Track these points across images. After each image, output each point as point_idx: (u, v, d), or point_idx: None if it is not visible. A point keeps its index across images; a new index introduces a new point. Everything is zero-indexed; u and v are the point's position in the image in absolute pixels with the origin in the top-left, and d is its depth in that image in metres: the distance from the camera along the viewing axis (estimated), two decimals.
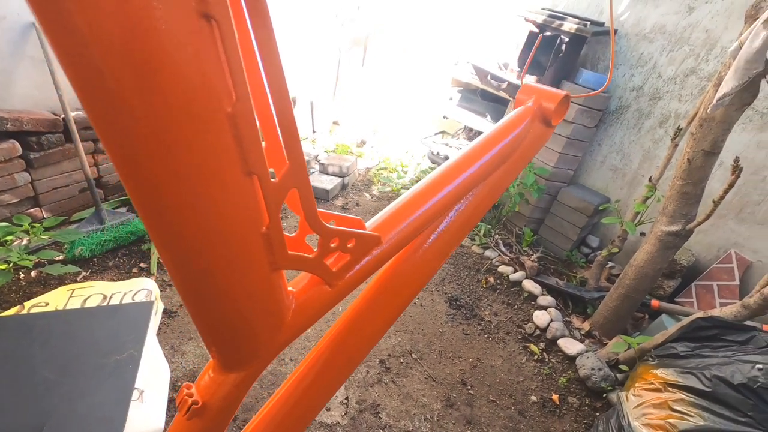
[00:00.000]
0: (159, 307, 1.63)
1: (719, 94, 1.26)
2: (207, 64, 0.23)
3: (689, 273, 2.39)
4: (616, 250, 2.35)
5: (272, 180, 0.30)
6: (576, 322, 2.31)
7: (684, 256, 2.36)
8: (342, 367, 0.52)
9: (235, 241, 0.31)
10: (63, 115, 1.98)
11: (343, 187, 3.22)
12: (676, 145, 2.08)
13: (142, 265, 2.11)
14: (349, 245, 0.40)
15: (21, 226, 1.80)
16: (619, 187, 2.75)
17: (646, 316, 2.33)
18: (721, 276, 2.30)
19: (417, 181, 2.77)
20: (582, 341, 2.15)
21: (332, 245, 0.39)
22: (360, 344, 0.53)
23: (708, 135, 1.60)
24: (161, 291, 1.85)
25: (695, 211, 1.80)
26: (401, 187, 3.39)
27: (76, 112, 2.05)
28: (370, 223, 0.45)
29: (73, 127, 1.99)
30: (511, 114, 0.57)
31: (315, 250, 0.40)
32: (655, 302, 2.20)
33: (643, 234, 2.61)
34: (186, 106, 0.23)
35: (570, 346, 2.07)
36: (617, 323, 2.15)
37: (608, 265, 2.64)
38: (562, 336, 2.14)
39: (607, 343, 2.10)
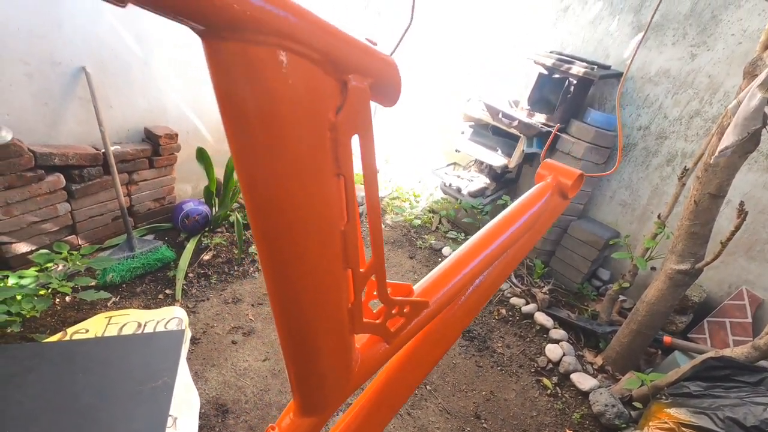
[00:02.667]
0: (187, 334, 1.71)
1: (721, 146, 1.35)
2: (333, 201, 0.33)
3: (701, 309, 2.41)
4: (627, 284, 2.39)
5: (360, 270, 0.39)
6: (588, 356, 2.33)
7: (695, 292, 2.39)
8: (386, 413, 0.60)
9: (330, 315, 0.40)
10: (103, 149, 2.12)
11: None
12: (684, 184, 2.16)
13: (167, 291, 2.21)
14: (405, 310, 0.49)
15: (60, 253, 1.92)
16: (629, 222, 2.81)
17: (659, 352, 2.35)
18: (733, 313, 2.32)
19: (429, 211, 2.85)
20: (595, 376, 2.17)
21: (393, 312, 0.48)
22: (403, 391, 0.61)
23: (713, 179, 1.68)
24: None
25: (704, 250, 1.86)
26: (414, 217, 3.48)
27: (114, 147, 2.20)
28: (417, 288, 0.54)
29: (112, 161, 2.13)
30: (533, 189, 0.67)
31: (374, 312, 0.49)
32: (667, 338, 2.22)
33: (654, 268, 2.65)
34: (316, 228, 0.33)
35: (583, 381, 2.09)
36: (630, 359, 2.17)
37: (620, 299, 2.67)
38: (575, 371, 2.16)
39: (620, 379, 2.12)
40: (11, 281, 1.76)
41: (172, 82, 2.42)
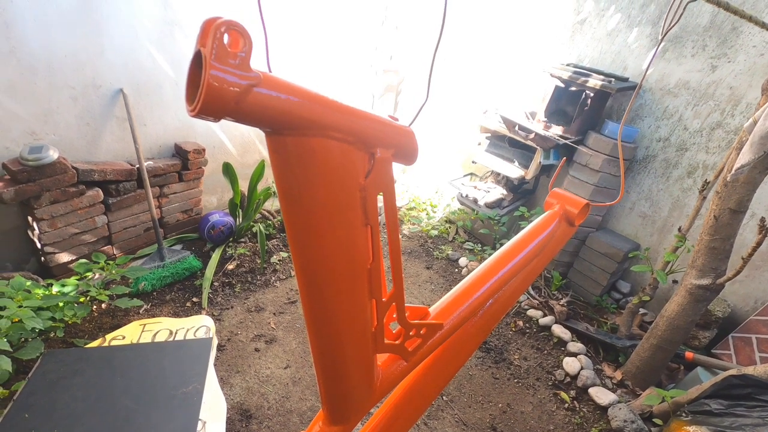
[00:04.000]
0: (214, 342, 1.80)
1: (737, 164, 1.35)
2: (362, 245, 0.39)
3: (726, 324, 2.36)
4: (647, 298, 2.37)
5: (383, 299, 0.46)
6: (607, 370, 2.31)
7: (719, 306, 2.34)
8: (404, 423, 0.65)
9: (357, 337, 0.46)
10: (137, 165, 2.26)
11: None
12: (705, 197, 2.14)
13: (194, 299, 2.31)
14: (421, 332, 0.54)
15: (98, 263, 2.05)
16: (649, 234, 2.78)
17: (682, 368, 2.31)
18: (759, 329, 2.26)
19: (446, 221, 2.90)
20: (614, 391, 2.15)
21: (411, 333, 0.53)
22: (420, 404, 0.66)
23: (733, 194, 1.67)
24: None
25: (725, 265, 1.83)
26: (431, 227, 3.53)
27: (147, 162, 2.34)
28: (433, 309, 0.59)
29: (145, 176, 2.27)
30: (541, 217, 0.72)
31: (393, 332, 0.55)
32: (689, 354, 2.19)
33: (675, 282, 2.61)
34: (348, 266, 0.40)
35: (601, 395, 2.08)
36: (650, 374, 2.14)
37: (640, 312, 2.63)
38: (593, 384, 2.15)
39: (640, 394, 2.10)
40: (55, 289, 1.89)
41: None
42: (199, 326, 1.72)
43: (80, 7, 1.87)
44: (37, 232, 1.98)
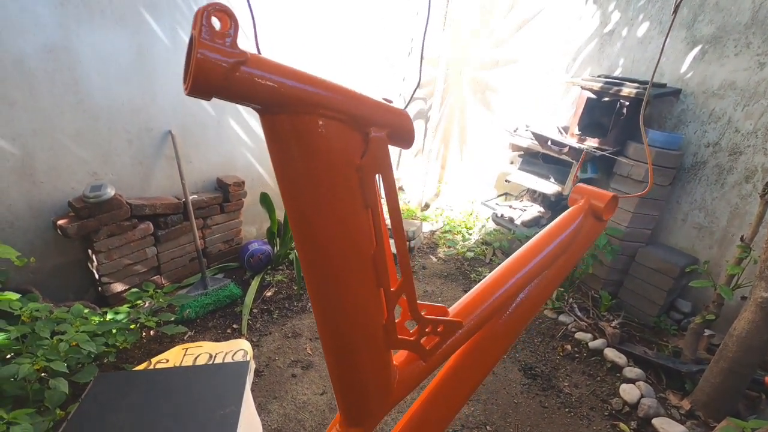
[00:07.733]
0: (251, 366, 1.82)
1: None
2: (363, 229, 0.40)
3: None
4: (711, 316, 2.14)
5: (391, 289, 0.45)
6: (673, 399, 2.07)
7: None
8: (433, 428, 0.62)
9: (367, 329, 0.45)
10: (183, 199, 2.43)
11: (410, 250, 3.37)
12: (767, 202, 1.95)
13: (234, 326, 2.38)
14: (438, 329, 0.53)
15: (147, 291, 2.18)
16: (708, 246, 2.55)
17: (763, 396, 2.02)
18: None
19: (482, 243, 2.81)
20: (683, 422, 1.92)
21: (427, 330, 0.52)
22: (448, 408, 0.63)
23: None
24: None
25: None
26: (467, 250, 3.45)
27: (192, 196, 2.50)
28: (452, 309, 0.57)
29: (190, 209, 2.43)
30: (566, 212, 0.69)
31: (411, 331, 0.53)
32: None
33: (744, 298, 2.35)
34: (349, 252, 0.40)
35: (668, 427, 1.86)
36: (725, 402, 1.90)
37: (706, 333, 2.37)
38: (657, 415, 1.93)
39: (714, 426, 1.85)
40: (109, 317, 2.02)
41: (240, 138, 2.74)
42: (236, 350, 1.75)
43: (137, 61, 2.10)
44: (95, 263, 2.15)
